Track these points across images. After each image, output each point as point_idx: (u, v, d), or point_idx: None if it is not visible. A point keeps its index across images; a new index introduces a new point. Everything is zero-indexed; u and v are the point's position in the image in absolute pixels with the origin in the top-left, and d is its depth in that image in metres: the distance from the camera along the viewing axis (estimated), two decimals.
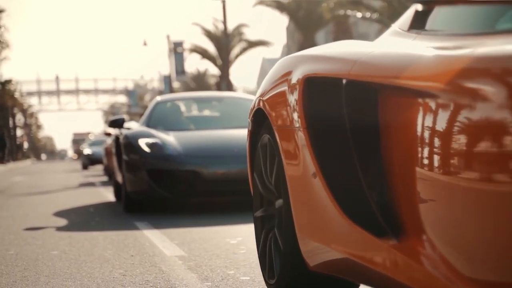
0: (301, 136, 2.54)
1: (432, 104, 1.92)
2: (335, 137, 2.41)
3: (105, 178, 18.35)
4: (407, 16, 2.57)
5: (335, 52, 2.59)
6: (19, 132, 72.53)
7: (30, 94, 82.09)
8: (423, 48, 2.16)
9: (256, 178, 3.17)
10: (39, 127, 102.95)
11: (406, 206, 2.07)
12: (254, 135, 3.22)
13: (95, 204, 9.65)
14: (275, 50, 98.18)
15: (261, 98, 3.04)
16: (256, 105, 3.13)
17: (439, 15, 2.38)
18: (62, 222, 7.25)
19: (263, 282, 3.66)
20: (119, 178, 8.94)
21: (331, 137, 2.44)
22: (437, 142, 1.89)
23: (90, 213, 8.34)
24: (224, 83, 36.78)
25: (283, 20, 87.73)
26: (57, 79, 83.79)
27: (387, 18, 25.60)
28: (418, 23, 2.46)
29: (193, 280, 3.81)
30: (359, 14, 28.04)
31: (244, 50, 43.02)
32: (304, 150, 2.53)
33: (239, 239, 5.36)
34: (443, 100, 1.87)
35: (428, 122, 1.93)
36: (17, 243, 5.62)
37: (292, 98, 2.64)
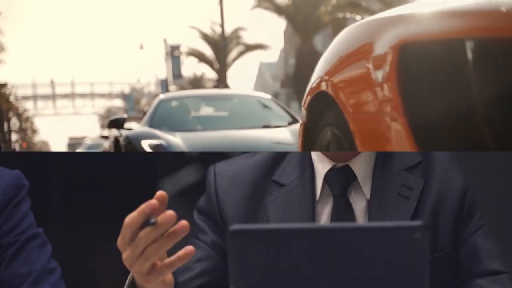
0: (395, 127, 1.82)
1: None
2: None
3: None
4: None
5: (449, 6, 1.79)
6: (14, 137, 72.35)
7: (25, 98, 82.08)
8: None
9: None
10: (34, 131, 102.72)
11: None
12: (310, 128, 2.55)
13: None
14: (272, 54, 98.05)
15: (323, 78, 2.32)
16: (314, 88, 2.42)
17: None
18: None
19: None
20: None
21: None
22: None
23: None
24: (221, 87, 36.64)
25: (281, 23, 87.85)
26: (52, 83, 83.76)
27: None
28: None
29: None
30: (358, 17, 27.93)
31: (241, 53, 42.95)
32: (400, 146, 1.81)
33: None
34: None
35: None
36: None
37: (378, 75, 1.90)
